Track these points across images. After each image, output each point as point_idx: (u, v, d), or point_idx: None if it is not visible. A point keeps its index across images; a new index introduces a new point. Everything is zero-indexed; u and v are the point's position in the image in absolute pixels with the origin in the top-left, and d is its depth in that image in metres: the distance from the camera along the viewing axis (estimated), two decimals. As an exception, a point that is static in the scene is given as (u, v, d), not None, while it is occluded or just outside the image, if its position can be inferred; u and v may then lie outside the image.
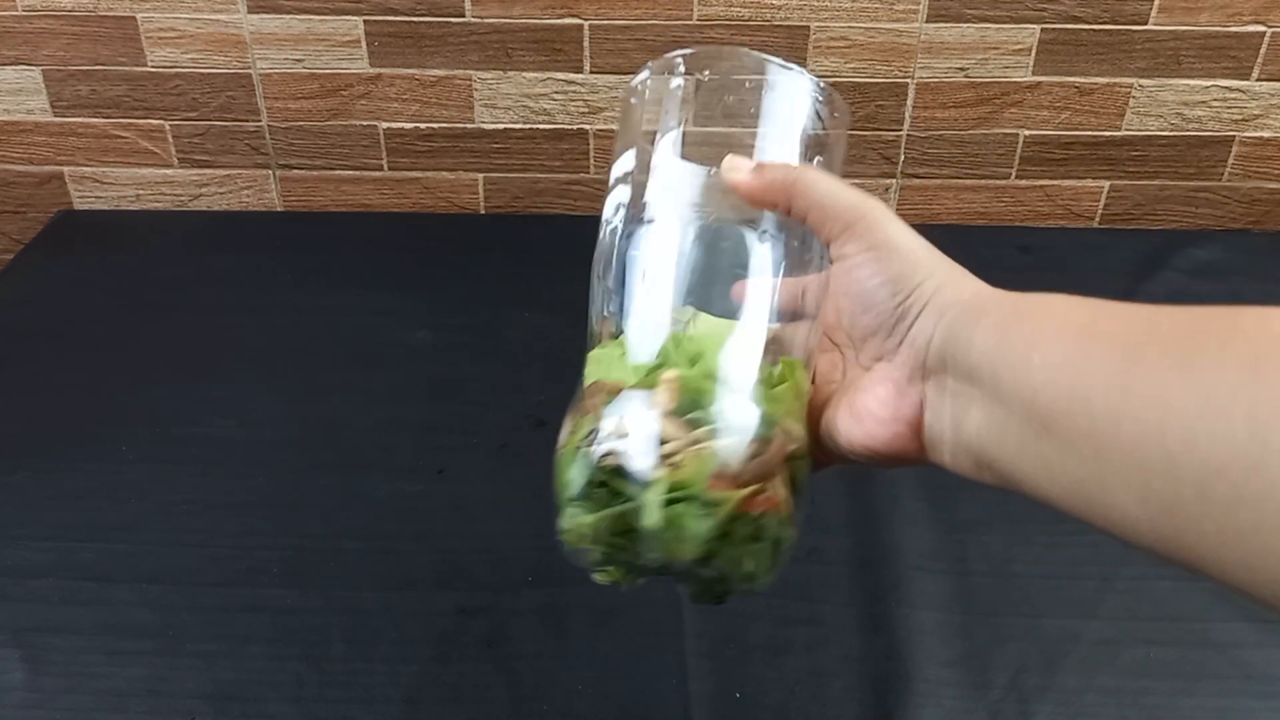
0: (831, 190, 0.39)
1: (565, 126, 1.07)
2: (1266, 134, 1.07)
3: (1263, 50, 1.02)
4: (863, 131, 1.07)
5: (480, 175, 1.11)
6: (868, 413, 0.37)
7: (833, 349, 0.42)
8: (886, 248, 0.37)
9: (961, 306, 0.35)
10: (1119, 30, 1.01)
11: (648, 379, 0.40)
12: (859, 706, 0.58)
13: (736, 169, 0.41)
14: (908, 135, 1.07)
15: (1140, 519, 0.27)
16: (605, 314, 0.43)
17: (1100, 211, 1.12)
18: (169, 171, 1.12)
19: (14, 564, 0.67)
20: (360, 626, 0.63)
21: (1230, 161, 1.09)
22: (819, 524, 0.67)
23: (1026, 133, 1.07)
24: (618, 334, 0.42)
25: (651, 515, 0.37)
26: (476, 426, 0.80)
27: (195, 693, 0.59)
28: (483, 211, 1.14)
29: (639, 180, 0.44)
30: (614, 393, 0.40)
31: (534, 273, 1.00)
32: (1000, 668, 0.60)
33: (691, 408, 0.38)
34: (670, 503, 0.37)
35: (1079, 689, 0.59)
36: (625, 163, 0.45)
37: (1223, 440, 0.25)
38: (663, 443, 0.38)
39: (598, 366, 0.42)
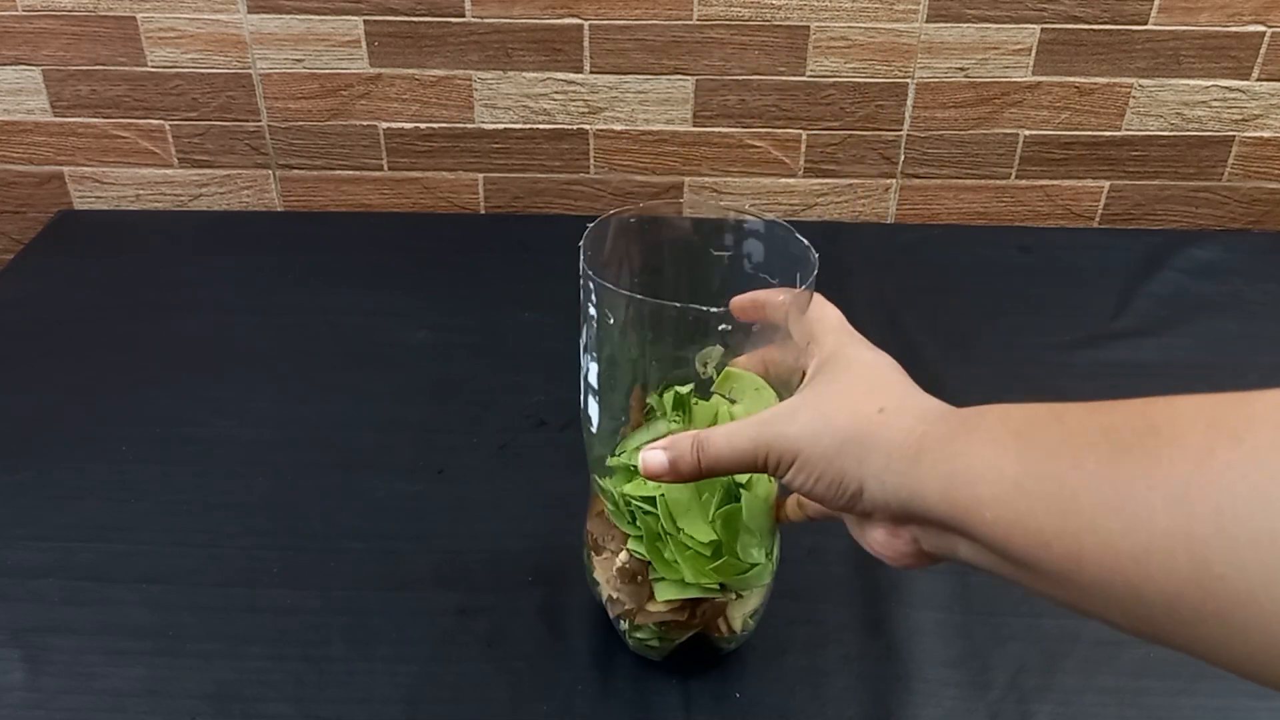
0: (730, 450, 0.42)
1: (565, 126, 1.07)
2: (1266, 134, 1.07)
3: (1263, 50, 1.02)
4: (863, 131, 1.07)
5: (480, 175, 1.11)
6: (875, 552, 0.41)
7: None
8: (800, 459, 0.40)
9: (895, 468, 0.37)
10: (1119, 30, 1.01)
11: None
12: (859, 706, 0.58)
13: (652, 470, 0.44)
14: (908, 135, 1.07)
15: (1133, 628, 0.30)
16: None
17: (1100, 211, 1.12)
18: (169, 171, 1.12)
19: (14, 564, 0.67)
20: (360, 626, 0.63)
21: (1230, 161, 1.09)
22: (819, 523, 0.67)
23: (1026, 133, 1.07)
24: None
25: (628, 640, 0.58)
26: (476, 426, 0.80)
27: (195, 693, 0.59)
28: (483, 211, 1.14)
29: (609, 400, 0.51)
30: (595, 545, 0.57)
31: (534, 273, 1.00)
32: (1000, 668, 0.60)
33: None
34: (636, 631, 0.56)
35: (1079, 689, 0.59)
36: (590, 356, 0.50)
37: (1171, 574, 0.27)
38: (616, 599, 0.55)
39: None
